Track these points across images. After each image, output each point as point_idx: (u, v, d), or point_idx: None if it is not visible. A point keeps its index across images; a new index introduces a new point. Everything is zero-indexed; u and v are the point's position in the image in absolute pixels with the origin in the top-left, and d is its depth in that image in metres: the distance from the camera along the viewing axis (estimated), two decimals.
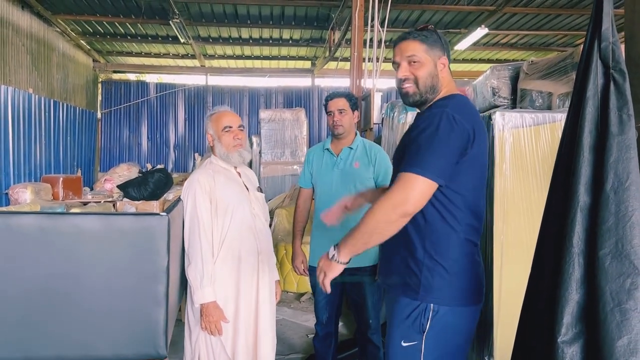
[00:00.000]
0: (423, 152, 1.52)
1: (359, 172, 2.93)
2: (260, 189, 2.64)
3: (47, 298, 1.62)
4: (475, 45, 9.85)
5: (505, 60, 11.20)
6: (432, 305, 1.60)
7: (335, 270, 1.55)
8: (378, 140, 5.63)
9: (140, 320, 1.68)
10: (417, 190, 1.48)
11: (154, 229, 1.67)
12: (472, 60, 11.62)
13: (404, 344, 1.60)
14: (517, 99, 5.04)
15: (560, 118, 3.16)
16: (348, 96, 2.93)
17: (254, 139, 8.64)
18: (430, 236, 1.63)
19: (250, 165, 8.89)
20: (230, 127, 2.39)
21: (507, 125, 3.15)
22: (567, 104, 3.94)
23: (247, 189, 2.50)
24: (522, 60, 10.95)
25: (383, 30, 6.12)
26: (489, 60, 11.41)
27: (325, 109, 2.93)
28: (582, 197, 1.24)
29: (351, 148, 2.92)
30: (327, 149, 2.92)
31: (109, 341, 1.68)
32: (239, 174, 2.50)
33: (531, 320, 1.36)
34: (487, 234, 3.23)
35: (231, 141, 2.38)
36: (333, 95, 2.91)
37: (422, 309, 1.61)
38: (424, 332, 1.59)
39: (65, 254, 1.62)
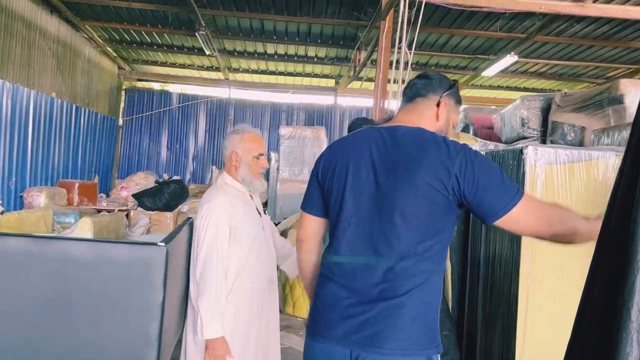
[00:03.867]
0: None
1: None
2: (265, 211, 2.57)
3: (25, 333, 1.47)
4: (504, 72, 9.64)
5: (533, 89, 10.96)
6: None
7: None
8: None
9: None
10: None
11: (150, 260, 1.51)
12: (499, 87, 11.40)
13: None
14: (547, 132, 4.83)
15: (597, 156, 2.95)
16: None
17: (273, 155, 8.52)
18: None
19: (267, 180, 8.76)
20: (262, 154, 2.37)
21: (539, 161, 2.95)
22: (603, 140, 3.72)
23: (259, 213, 2.40)
24: (550, 90, 10.71)
25: (410, 53, 5.97)
26: (516, 88, 11.19)
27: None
28: None
29: None
30: None
31: None
32: (251, 196, 2.41)
33: None
34: (513, 277, 3.02)
35: (259, 169, 2.36)
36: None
37: None
38: None
39: (50, 283, 1.47)
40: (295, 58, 10.05)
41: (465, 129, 5.97)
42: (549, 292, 2.95)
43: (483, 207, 1.47)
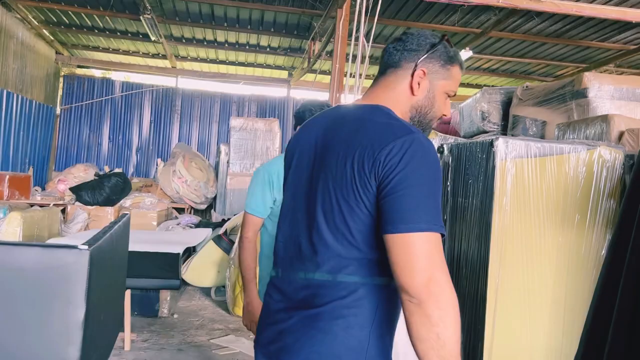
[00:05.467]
0: None
1: None
2: None
3: None
4: None
5: (485, 86, 11.03)
6: None
7: None
8: None
9: None
10: None
11: (68, 267, 1.19)
12: None
13: None
14: (508, 126, 4.73)
15: (569, 150, 2.82)
16: None
17: (223, 148, 8.15)
18: None
19: (216, 175, 8.38)
20: None
21: (510, 154, 2.79)
22: (569, 134, 3.62)
23: None
24: (501, 87, 10.83)
25: (368, 45, 5.77)
26: (468, 85, 11.23)
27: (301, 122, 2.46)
28: None
29: None
30: None
31: None
32: None
33: None
34: (481, 276, 2.85)
35: None
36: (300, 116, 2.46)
37: None
38: None
39: None
40: (247, 47, 9.67)
41: None
42: (518, 292, 2.80)
43: (384, 211, 1.15)
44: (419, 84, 1.34)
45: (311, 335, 1.20)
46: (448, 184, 3.20)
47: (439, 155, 2.91)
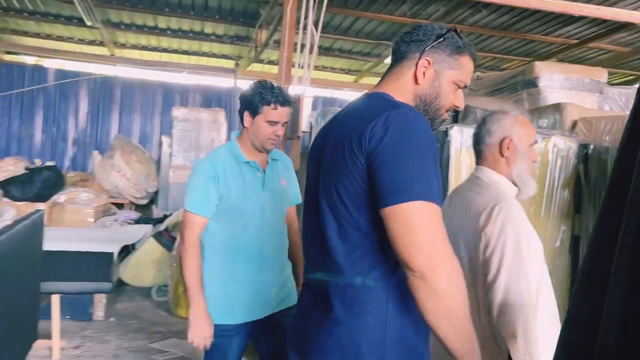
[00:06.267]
0: None
1: (287, 192, 2.32)
2: None
3: None
4: None
5: None
6: None
7: None
8: (306, 150, 5.04)
9: None
10: None
11: None
12: None
13: None
14: (458, 116, 4.66)
15: None
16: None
17: (164, 140, 7.77)
18: None
19: (158, 168, 7.98)
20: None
21: (465, 144, 2.67)
22: None
23: None
24: None
25: (317, 33, 5.58)
26: None
27: (257, 112, 2.11)
28: None
29: (275, 160, 2.28)
30: (247, 162, 2.17)
31: None
32: None
33: None
34: None
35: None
36: (284, 99, 2.12)
37: None
38: None
39: None
40: (191, 35, 9.25)
41: None
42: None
43: (376, 186, 1.14)
44: (423, 73, 1.32)
45: (328, 327, 1.21)
46: None
47: None
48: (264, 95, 2.09)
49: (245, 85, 11.18)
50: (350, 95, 11.12)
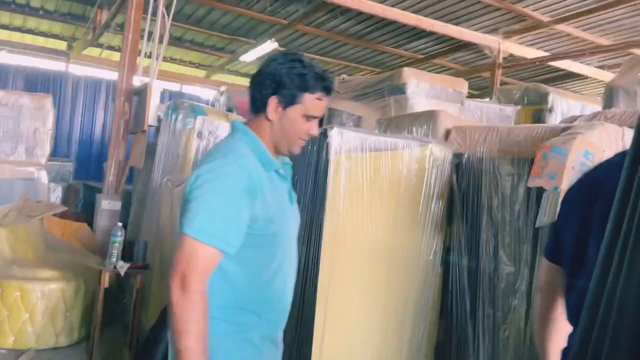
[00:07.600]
0: None
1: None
2: None
3: None
4: (261, 59, 9.32)
5: None
6: None
7: None
8: (152, 146, 4.46)
9: None
10: None
11: None
12: None
13: None
14: (323, 120, 4.49)
15: (402, 146, 2.57)
16: None
17: None
18: None
19: None
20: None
21: (344, 147, 2.42)
22: (392, 130, 3.45)
23: None
24: None
25: (168, 19, 5.03)
26: None
27: (295, 101, 1.41)
28: None
29: (286, 164, 1.58)
30: (277, 170, 1.48)
31: None
32: None
33: None
34: (310, 282, 2.41)
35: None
36: (331, 87, 1.46)
37: None
38: None
39: None
40: (13, 7, 7.92)
41: (229, 112, 5.35)
42: (347, 299, 2.47)
43: None
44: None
45: None
46: None
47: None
48: (307, 79, 1.42)
49: (79, 70, 9.89)
50: (200, 92, 10.50)
